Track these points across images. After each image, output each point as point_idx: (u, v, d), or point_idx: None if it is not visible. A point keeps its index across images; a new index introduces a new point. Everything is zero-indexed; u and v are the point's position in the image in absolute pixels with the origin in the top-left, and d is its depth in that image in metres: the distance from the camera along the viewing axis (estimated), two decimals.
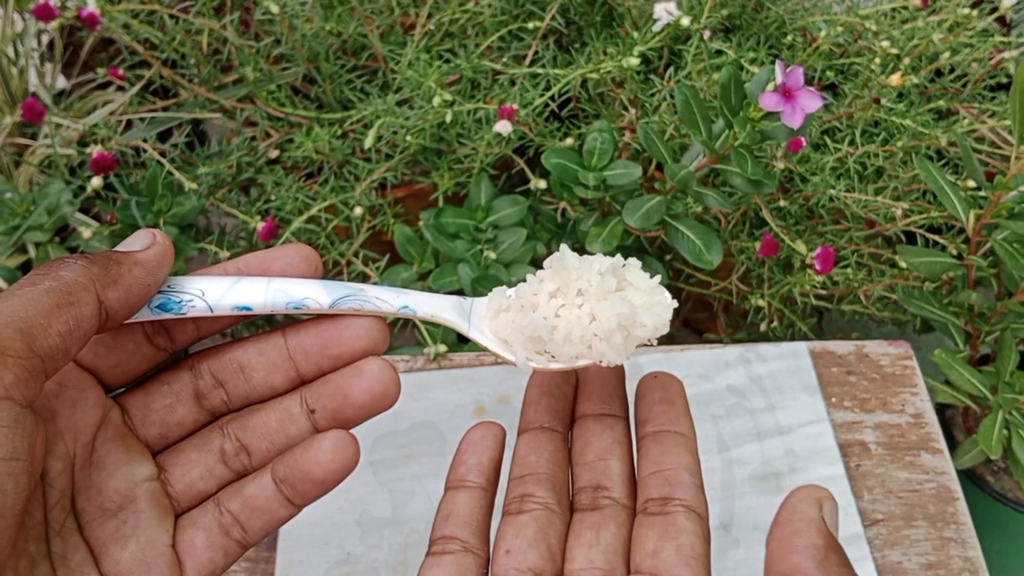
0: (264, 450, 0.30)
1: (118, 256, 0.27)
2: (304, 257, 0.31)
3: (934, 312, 0.60)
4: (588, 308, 0.30)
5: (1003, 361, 0.58)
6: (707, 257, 0.55)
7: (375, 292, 0.30)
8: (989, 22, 0.72)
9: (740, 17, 0.76)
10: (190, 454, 0.30)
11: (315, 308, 0.30)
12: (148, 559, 0.28)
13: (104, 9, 0.64)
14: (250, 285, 0.29)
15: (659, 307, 0.31)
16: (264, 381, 0.31)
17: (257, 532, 0.30)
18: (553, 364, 0.31)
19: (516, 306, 0.31)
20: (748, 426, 0.56)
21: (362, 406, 0.30)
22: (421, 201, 0.73)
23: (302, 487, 0.29)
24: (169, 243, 0.29)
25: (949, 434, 0.70)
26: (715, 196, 0.55)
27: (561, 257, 0.31)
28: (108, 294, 0.26)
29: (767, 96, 0.49)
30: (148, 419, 0.30)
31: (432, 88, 0.64)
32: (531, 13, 0.71)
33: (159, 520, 0.29)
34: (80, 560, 0.27)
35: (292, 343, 0.30)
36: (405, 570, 0.49)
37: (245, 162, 0.70)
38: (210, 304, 0.29)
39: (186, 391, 0.30)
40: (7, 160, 0.74)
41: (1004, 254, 0.54)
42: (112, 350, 0.29)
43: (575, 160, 0.59)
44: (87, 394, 0.29)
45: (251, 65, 0.70)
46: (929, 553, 0.51)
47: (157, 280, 0.28)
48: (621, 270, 0.31)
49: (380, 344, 0.30)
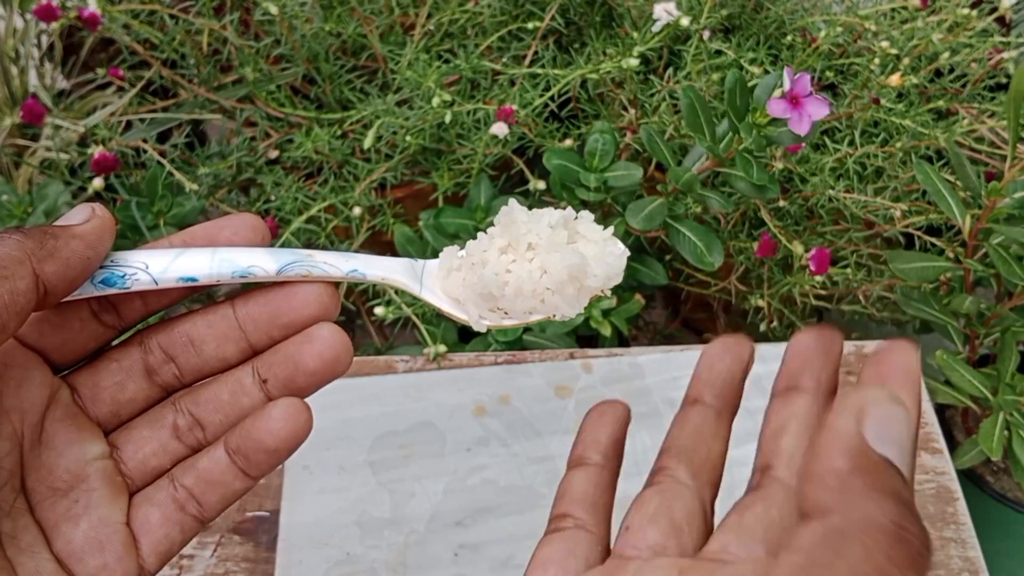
0: (218, 423, 0.30)
1: (55, 230, 0.27)
2: (250, 226, 0.30)
3: (932, 314, 0.60)
4: (539, 262, 0.30)
5: (1004, 363, 0.58)
6: (708, 258, 0.55)
7: (323, 257, 0.30)
8: (989, 22, 0.72)
9: (740, 17, 0.76)
10: (143, 430, 0.30)
11: (262, 276, 0.29)
12: (101, 537, 0.28)
13: (105, 10, 0.64)
14: (195, 256, 0.29)
15: (611, 257, 0.30)
16: (215, 353, 0.30)
17: (214, 506, 0.30)
18: (506, 320, 0.31)
19: (467, 264, 0.30)
20: (748, 426, 0.56)
21: (313, 372, 0.29)
22: (421, 201, 0.73)
23: (255, 457, 0.29)
24: (109, 216, 0.28)
25: (949, 434, 0.70)
26: (717, 198, 0.55)
27: (510, 212, 0.30)
28: (45, 268, 0.26)
29: (775, 102, 0.49)
30: (98, 397, 0.30)
31: (432, 88, 0.64)
32: (531, 13, 0.72)
33: (112, 498, 0.29)
34: (31, 540, 0.27)
35: (241, 313, 0.30)
36: (405, 570, 0.50)
37: (245, 162, 0.70)
38: (154, 277, 0.28)
39: (136, 367, 0.30)
40: (7, 161, 0.74)
41: (998, 260, 0.53)
42: (58, 328, 0.29)
43: (576, 161, 0.59)
44: (33, 373, 0.28)
45: (251, 65, 0.70)
46: None
47: (97, 254, 0.27)
48: (573, 223, 0.31)
49: (331, 309, 0.30)
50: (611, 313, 0.64)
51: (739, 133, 0.51)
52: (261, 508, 0.52)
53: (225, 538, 0.50)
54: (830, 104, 0.49)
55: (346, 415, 0.55)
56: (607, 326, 0.63)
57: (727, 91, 0.51)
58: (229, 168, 0.69)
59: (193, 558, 0.50)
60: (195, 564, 0.49)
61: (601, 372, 0.58)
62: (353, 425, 0.55)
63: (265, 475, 0.30)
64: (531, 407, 0.56)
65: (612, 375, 0.58)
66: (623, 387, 0.57)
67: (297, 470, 0.53)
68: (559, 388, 0.57)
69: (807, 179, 0.67)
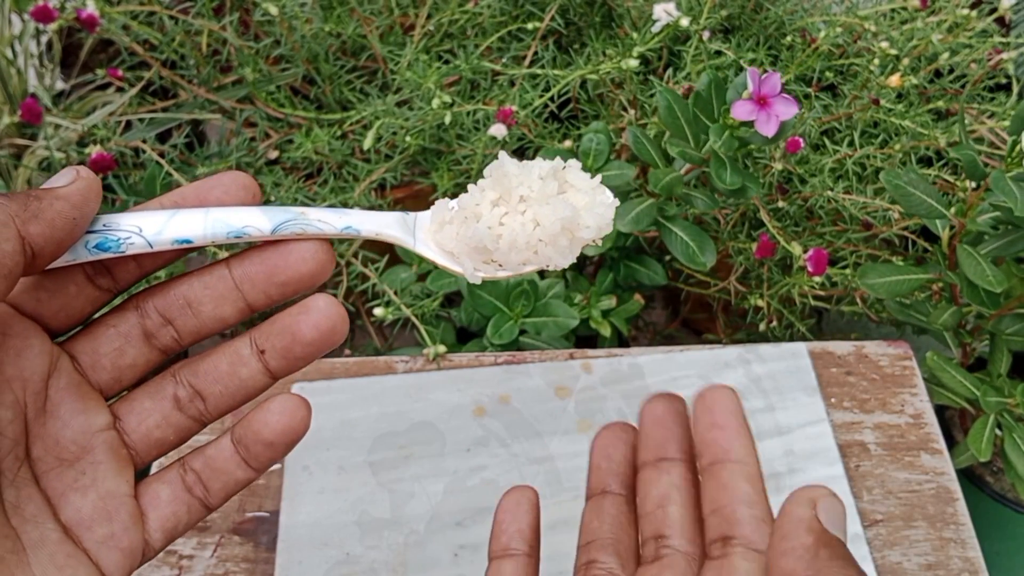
0: (218, 394, 0.30)
1: (38, 192, 0.27)
2: (241, 184, 0.30)
3: (924, 322, 0.59)
4: (531, 214, 0.30)
5: (994, 365, 0.58)
6: (700, 259, 0.55)
7: (316, 215, 0.30)
8: (988, 23, 0.72)
9: (739, 18, 0.76)
10: (144, 402, 0.30)
11: (256, 236, 0.29)
12: (109, 508, 0.28)
13: (103, 10, 0.64)
14: (188, 217, 0.29)
15: (601, 207, 0.31)
16: (213, 314, 0.30)
17: (217, 493, 0.30)
18: (500, 272, 0.31)
19: (459, 218, 0.31)
20: None
21: (310, 343, 0.30)
22: (420, 202, 0.73)
23: (254, 449, 0.30)
24: (94, 178, 0.28)
25: (948, 434, 0.70)
26: (703, 198, 0.55)
27: (501, 164, 0.31)
28: (30, 229, 0.26)
29: (739, 105, 0.48)
30: (99, 364, 0.30)
31: (431, 89, 0.64)
32: (530, 14, 0.72)
33: (118, 470, 0.29)
34: (35, 510, 0.27)
35: (237, 273, 0.30)
36: (405, 570, 0.49)
37: (244, 163, 0.70)
38: (148, 240, 0.28)
39: (134, 332, 0.30)
40: (6, 161, 0.74)
41: (962, 281, 0.53)
42: (54, 294, 0.29)
43: None
44: (31, 341, 0.28)
45: (250, 66, 0.70)
46: (928, 553, 0.51)
47: (84, 215, 0.27)
48: (562, 173, 0.31)
49: (327, 266, 0.30)
50: (611, 313, 0.64)
51: (710, 136, 0.51)
52: (261, 508, 0.52)
53: (225, 538, 0.50)
54: (798, 103, 0.48)
55: (346, 415, 0.55)
56: (607, 326, 0.63)
57: (695, 94, 0.51)
58: (229, 168, 0.69)
59: (193, 558, 0.50)
60: (195, 564, 0.49)
61: (601, 372, 0.58)
62: (353, 425, 0.55)
63: (266, 468, 0.30)
64: (531, 407, 0.56)
65: (612, 375, 0.58)
66: (622, 387, 0.57)
67: (297, 470, 0.53)
68: (559, 388, 0.57)
69: (806, 180, 0.67)
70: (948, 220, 0.54)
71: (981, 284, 0.51)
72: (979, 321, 0.59)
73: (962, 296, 0.56)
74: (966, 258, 0.52)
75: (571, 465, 0.54)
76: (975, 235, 0.54)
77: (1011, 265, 0.54)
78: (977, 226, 0.53)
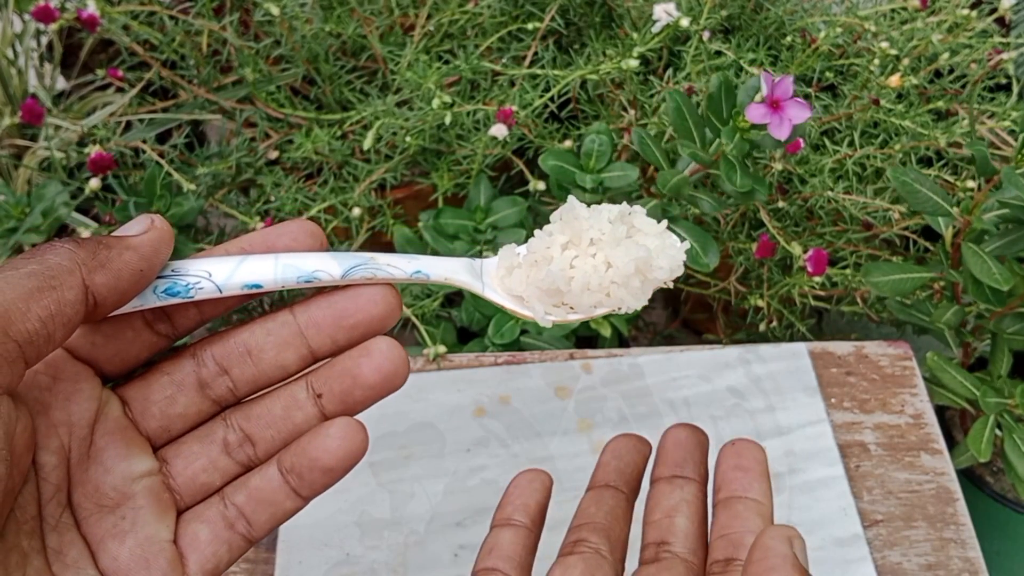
0: (269, 439, 0.30)
1: (108, 240, 0.26)
2: (309, 232, 0.30)
3: (926, 321, 0.59)
4: (603, 256, 0.30)
5: (995, 366, 0.58)
6: (704, 260, 0.55)
7: (386, 260, 0.30)
8: (988, 23, 0.72)
9: (739, 18, 0.76)
10: (192, 446, 0.30)
11: (327, 280, 0.29)
12: (148, 555, 0.28)
13: (104, 11, 0.64)
14: (258, 262, 0.29)
15: (672, 249, 0.31)
16: (274, 361, 0.30)
17: (263, 526, 0.29)
18: (571, 315, 0.31)
19: (529, 262, 0.31)
20: (748, 427, 0.56)
21: (372, 386, 0.29)
22: (420, 202, 0.73)
23: (309, 476, 0.29)
24: (168, 228, 0.28)
25: (948, 434, 0.70)
26: (709, 200, 0.55)
27: (571, 208, 0.31)
28: (95, 279, 0.25)
29: (753, 108, 0.48)
30: (148, 411, 0.29)
31: (431, 89, 0.64)
32: (530, 14, 0.72)
33: (159, 516, 0.28)
34: (76, 555, 0.27)
35: (303, 319, 0.30)
36: (405, 571, 0.49)
37: (244, 163, 0.70)
38: (218, 285, 0.28)
39: (188, 380, 0.30)
40: (6, 161, 0.74)
41: (967, 279, 0.53)
42: (110, 339, 0.28)
43: (572, 162, 0.59)
44: (82, 386, 0.28)
45: (250, 66, 0.70)
46: (929, 554, 0.51)
47: (152, 266, 0.27)
48: (628, 217, 0.32)
49: (396, 310, 0.30)
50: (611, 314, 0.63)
51: (721, 138, 0.51)
52: None
53: None
54: (811, 107, 0.48)
55: None
56: (607, 327, 0.63)
57: (708, 96, 0.51)
58: (229, 169, 0.69)
59: None
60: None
61: (601, 373, 0.58)
62: None
63: (317, 495, 0.30)
64: (531, 408, 0.56)
65: (612, 376, 0.58)
66: (622, 388, 0.57)
67: None
68: (559, 389, 0.57)
69: (807, 180, 0.67)
70: (953, 218, 0.54)
71: (987, 281, 0.51)
72: (980, 321, 0.59)
73: (965, 294, 0.56)
74: (972, 256, 0.52)
75: (571, 465, 0.54)
76: (978, 233, 0.54)
77: (1012, 264, 0.54)
78: (983, 224, 0.53)
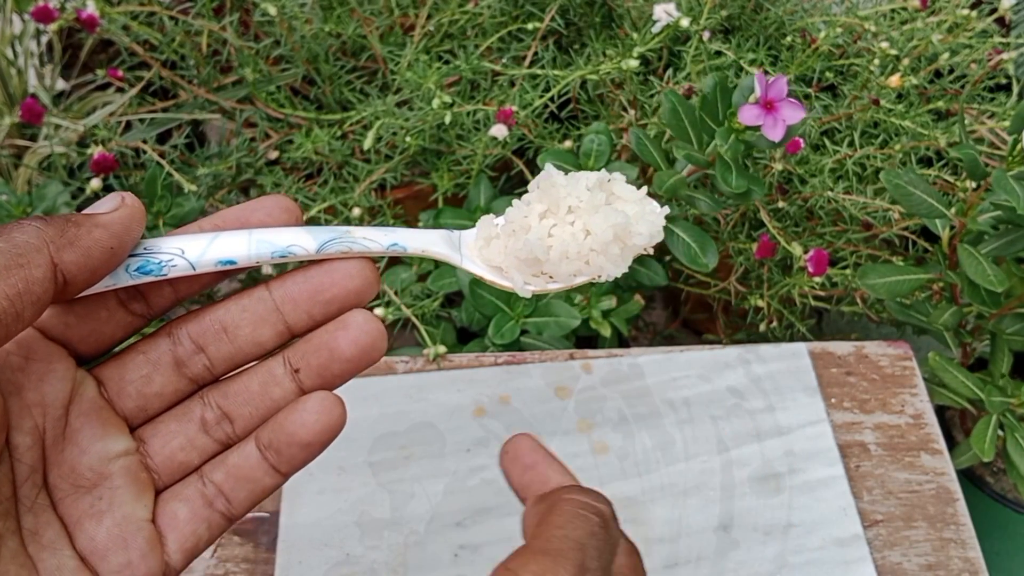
0: (247, 416, 0.29)
1: (77, 218, 0.26)
2: (283, 207, 0.29)
3: (924, 321, 0.59)
4: (581, 224, 0.30)
5: (995, 365, 0.58)
6: (702, 259, 0.55)
7: (362, 233, 0.29)
8: (988, 23, 0.72)
9: (739, 18, 0.76)
10: (169, 425, 0.29)
11: (301, 255, 0.29)
12: (125, 535, 0.28)
13: (103, 11, 0.64)
14: (231, 238, 0.28)
15: (651, 215, 0.30)
16: (250, 337, 0.29)
17: (242, 503, 0.29)
18: (551, 285, 0.31)
19: (507, 231, 0.31)
20: (748, 427, 0.56)
21: (349, 359, 0.29)
22: (420, 202, 0.73)
23: (288, 452, 0.28)
24: (139, 206, 0.27)
25: (948, 435, 0.70)
26: (707, 200, 0.55)
27: (548, 176, 0.30)
28: (64, 256, 0.25)
29: (746, 109, 0.48)
30: (124, 391, 0.29)
31: (431, 89, 0.64)
32: (530, 14, 0.72)
33: (137, 495, 0.28)
34: (53, 536, 0.27)
35: (278, 294, 0.29)
36: (405, 571, 0.49)
37: (244, 163, 0.70)
38: (191, 262, 0.28)
39: (164, 359, 0.29)
40: (6, 161, 0.74)
41: (963, 281, 0.53)
42: (84, 319, 0.28)
43: (572, 162, 0.59)
44: (55, 366, 0.28)
45: (250, 66, 0.70)
46: (929, 554, 0.51)
47: (123, 244, 0.27)
48: (607, 184, 0.31)
49: (373, 284, 0.29)
50: (611, 314, 0.64)
51: (716, 139, 0.51)
52: (261, 509, 0.52)
53: (225, 539, 0.50)
54: (805, 108, 0.48)
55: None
56: (607, 327, 0.63)
57: (701, 97, 0.51)
58: (229, 169, 0.69)
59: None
60: (195, 564, 0.49)
61: (601, 373, 0.58)
62: (353, 426, 0.54)
63: (297, 471, 0.29)
64: (531, 408, 0.56)
65: (612, 376, 0.58)
66: (623, 388, 0.57)
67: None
68: (559, 389, 0.57)
69: (807, 180, 0.67)
70: (949, 220, 0.54)
71: (982, 283, 0.51)
72: (979, 321, 0.59)
73: (962, 296, 0.55)
74: (967, 258, 0.52)
75: (571, 465, 0.53)
76: (975, 235, 0.54)
77: (1011, 265, 0.54)
78: (978, 226, 0.53)
